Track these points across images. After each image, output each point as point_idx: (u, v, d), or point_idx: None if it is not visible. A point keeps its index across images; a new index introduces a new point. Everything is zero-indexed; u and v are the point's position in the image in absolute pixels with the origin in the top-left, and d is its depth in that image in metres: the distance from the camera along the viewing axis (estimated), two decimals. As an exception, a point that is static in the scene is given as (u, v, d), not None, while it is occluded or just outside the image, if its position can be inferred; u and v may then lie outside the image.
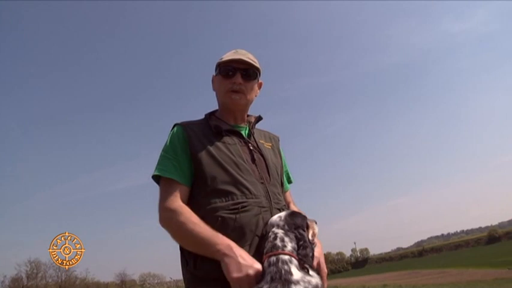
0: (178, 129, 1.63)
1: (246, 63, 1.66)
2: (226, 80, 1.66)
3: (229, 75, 1.65)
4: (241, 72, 1.66)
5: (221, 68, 1.68)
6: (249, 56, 1.70)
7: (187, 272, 1.49)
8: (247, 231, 1.42)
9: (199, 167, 1.52)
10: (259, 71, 1.73)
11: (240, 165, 1.55)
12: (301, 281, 1.18)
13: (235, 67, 1.65)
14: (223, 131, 1.63)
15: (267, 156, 1.69)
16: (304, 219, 1.43)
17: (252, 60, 1.68)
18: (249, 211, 1.46)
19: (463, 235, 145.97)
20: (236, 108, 1.71)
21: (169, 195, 1.49)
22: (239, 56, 1.65)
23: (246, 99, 1.70)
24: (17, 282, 26.89)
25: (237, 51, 1.71)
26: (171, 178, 1.52)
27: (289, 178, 1.91)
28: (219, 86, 1.71)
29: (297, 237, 1.32)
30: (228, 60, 1.66)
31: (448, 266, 37.88)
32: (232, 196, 1.47)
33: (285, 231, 1.33)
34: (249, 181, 1.53)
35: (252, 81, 1.70)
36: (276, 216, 1.42)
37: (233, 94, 1.66)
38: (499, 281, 18.20)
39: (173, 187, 1.51)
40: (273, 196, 1.57)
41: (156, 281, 35.46)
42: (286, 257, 1.23)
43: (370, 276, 42.50)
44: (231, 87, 1.65)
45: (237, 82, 1.65)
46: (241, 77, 1.65)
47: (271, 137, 1.87)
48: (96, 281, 31.37)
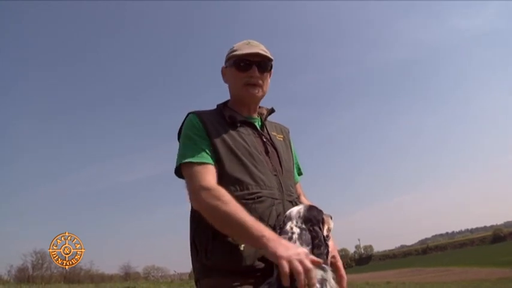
0: (193, 117, 1.61)
1: (262, 55, 1.64)
2: (242, 73, 1.64)
3: (245, 68, 1.63)
4: (258, 65, 1.64)
5: (236, 60, 1.65)
6: (262, 47, 1.68)
7: (197, 262, 1.48)
8: (261, 222, 1.37)
9: (216, 154, 1.51)
10: (272, 62, 1.71)
11: (255, 156, 1.54)
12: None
13: (252, 60, 1.63)
14: (238, 121, 1.62)
15: (279, 148, 1.68)
16: (321, 214, 1.42)
17: (266, 53, 1.66)
18: (263, 202, 1.45)
19: (468, 234, 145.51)
20: (253, 101, 1.70)
21: (204, 175, 1.44)
22: (255, 50, 1.63)
23: (263, 91, 1.69)
24: (23, 272, 27.29)
25: (249, 42, 1.69)
26: (202, 162, 1.47)
27: (300, 170, 1.90)
28: (234, 79, 1.68)
29: (312, 236, 1.32)
30: (244, 54, 1.63)
31: (452, 265, 37.85)
32: (248, 186, 1.46)
33: (301, 230, 1.33)
34: (263, 172, 1.52)
35: (267, 73, 1.69)
36: (295, 209, 1.40)
37: (250, 88, 1.64)
38: (503, 280, 18.17)
39: (206, 168, 1.46)
40: (286, 188, 1.56)
41: (160, 274, 35.77)
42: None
43: (373, 273, 42.54)
44: (248, 80, 1.63)
45: (255, 76, 1.63)
46: (258, 70, 1.63)
47: (282, 129, 1.86)
48: (101, 273, 31.75)
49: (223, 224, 1.35)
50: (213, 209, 1.35)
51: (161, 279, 26.20)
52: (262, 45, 1.70)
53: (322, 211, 1.45)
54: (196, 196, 1.41)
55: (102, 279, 27.13)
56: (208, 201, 1.37)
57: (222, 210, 1.32)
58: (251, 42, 1.69)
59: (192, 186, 1.45)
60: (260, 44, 1.70)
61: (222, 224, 1.35)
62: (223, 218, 1.33)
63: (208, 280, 1.45)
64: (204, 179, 1.43)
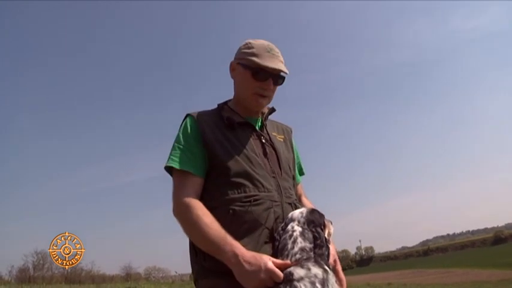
0: (190, 120, 1.62)
1: (281, 71, 1.60)
2: (256, 82, 1.60)
3: (261, 78, 1.60)
4: (273, 77, 1.62)
5: (255, 69, 1.59)
6: (282, 59, 1.64)
7: (196, 264, 1.50)
8: (258, 225, 1.43)
9: (213, 159, 1.52)
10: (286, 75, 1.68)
11: (252, 158, 1.54)
12: (306, 276, 1.22)
13: (269, 72, 1.59)
14: (236, 123, 1.61)
15: (279, 149, 1.67)
16: (322, 217, 1.45)
17: (285, 69, 1.62)
18: (260, 204, 1.46)
19: (469, 235, 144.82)
20: (259, 109, 1.71)
21: (183, 188, 1.49)
22: (278, 66, 1.58)
23: (269, 101, 1.70)
24: (24, 273, 27.23)
25: (271, 49, 1.62)
26: (186, 170, 1.50)
27: (301, 170, 1.90)
28: (244, 83, 1.63)
29: (314, 236, 1.34)
30: (266, 66, 1.57)
31: (453, 266, 37.70)
32: (245, 189, 1.47)
33: (303, 229, 1.35)
34: (261, 175, 1.52)
35: (278, 86, 1.68)
36: (298, 211, 1.44)
37: (260, 98, 1.63)
38: (505, 282, 18.11)
39: (188, 179, 1.50)
40: (284, 190, 1.56)
41: (161, 275, 35.71)
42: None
43: (374, 275, 42.42)
44: (260, 91, 1.61)
45: (269, 89, 1.63)
46: (273, 82, 1.62)
47: (284, 129, 1.85)
48: (102, 274, 31.61)
49: (194, 240, 1.47)
50: (185, 225, 1.45)
51: (162, 280, 26.22)
52: (281, 56, 1.65)
53: (324, 215, 1.47)
54: (173, 209, 1.49)
55: (103, 279, 27.10)
56: (181, 217, 1.46)
57: (192, 228, 1.41)
58: (273, 49, 1.63)
59: (172, 196, 1.51)
60: (280, 55, 1.65)
61: (194, 240, 1.47)
62: (193, 235, 1.44)
63: (206, 281, 1.47)
64: (180, 192, 1.49)
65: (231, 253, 1.31)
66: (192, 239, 1.47)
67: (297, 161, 1.83)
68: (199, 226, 1.38)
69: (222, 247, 1.33)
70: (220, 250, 1.33)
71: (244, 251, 1.32)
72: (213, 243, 1.35)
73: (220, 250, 1.34)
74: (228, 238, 1.35)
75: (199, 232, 1.38)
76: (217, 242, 1.34)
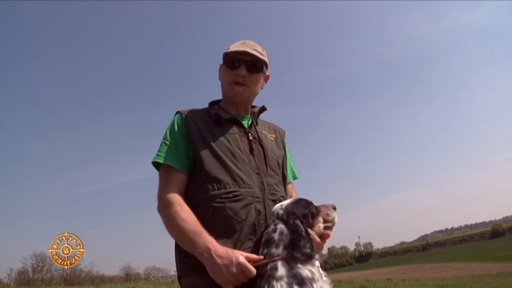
0: (178, 117, 1.64)
1: (252, 55, 1.63)
2: (231, 71, 1.65)
3: (234, 66, 1.64)
4: (247, 64, 1.63)
5: (227, 58, 1.67)
6: (257, 47, 1.67)
7: (179, 261, 1.52)
8: (236, 221, 1.42)
9: (196, 155, 1.53)
10: (266, 64, 1.70)
11: (236, 154, 1.55)
12: (286, 276, 1.21)
13: (241, 59, 1.63)
14: (223, 119, 1.62)
15: (266, 146, 1.67)
16: (308, 206, 1.40)
17: (258, 53, 1.65)
18: (240, 201, 1.45)
19: (467, 229, 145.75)
20: (239, 100, 1.70)
21: (167, 183, 1.51)
22: (245, 48, 1.63)
23: (249, 91, 1.68)
24: (23, 275, 27.14)
25: (244, 42, 1.69)
26: (170, 165, 1.53)
27: (294, 174, 1.89)
28: (223, 76, 1.70)
29: (290, 230, 1.31)
30: (234, 51, 1.64)
31: (452, 261, 37.92)
32: (225, 185, 1.47)
33: (284, 223, 1.34)
34: (243, 171, 1.52)
35: (258, 74, 1.68)
36: (278, 204, 1.43)
37: (236, 86, 1.65)
38: (503, 275, 18.21)
39: (172, 174, 1.53)
40: (269, 187, 1.56)
41: (160, 275, 35.68)
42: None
43: (373, 270, 42.54)
44: (235, 78, 1.64)
45: (241, 74, 1.63)
46: (246, 69, 1.63)
47: (276, 130, 1.85)
48: (101, 275, 31.59)
49: (171, 235, 1.48)
50: (164, 220, 1.47)
51: (162, 280, 26.20)
52: (258, 46, 1.69)
53: (312, 202, 1.43)
54: (157, 204, 1.52)
55: (102, 280, 27.05)
56: (161, 213, 1.49)
57: (170, 223, 1.44)
58: (246, 41, 1.69)
59: (157, 191, 1.54)
60: (256, 45, 1.69)
61: (171, 235, 1.48)
62: (170, 230, 1.46)
63: (188, 278, 1.48)
64: (163, 187, 1.52)
65: (203, 247, 1.32)
66: (170, 234, 1.48)
67: (288, 164, 1.81)
68: (176, 221, 1.40)
69: (196, 242, 1.34)
70: (194, 245, 1.34)
71: (218, 246, 1.32)
72: (188, 238, 1.36)
73: (194, 245, 1.35)
74: (203, 233, 1.35)
75: (176, 227, 1.40)
76: (191, 237, 1.35)
